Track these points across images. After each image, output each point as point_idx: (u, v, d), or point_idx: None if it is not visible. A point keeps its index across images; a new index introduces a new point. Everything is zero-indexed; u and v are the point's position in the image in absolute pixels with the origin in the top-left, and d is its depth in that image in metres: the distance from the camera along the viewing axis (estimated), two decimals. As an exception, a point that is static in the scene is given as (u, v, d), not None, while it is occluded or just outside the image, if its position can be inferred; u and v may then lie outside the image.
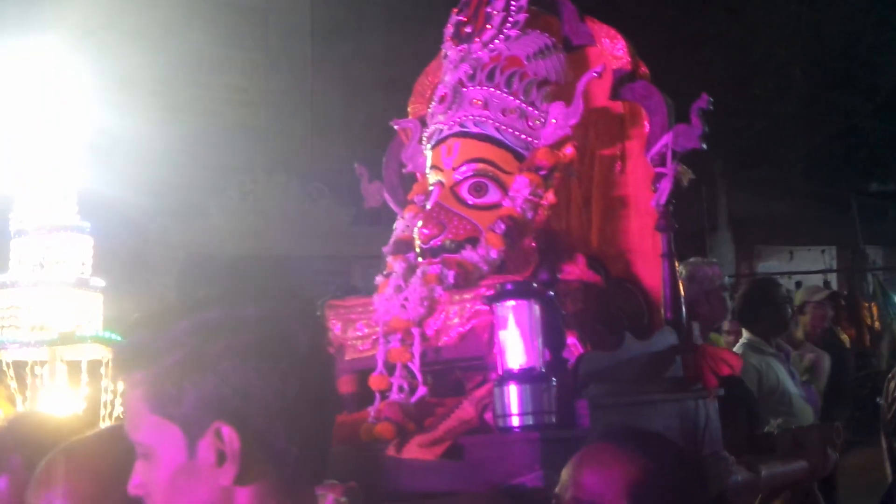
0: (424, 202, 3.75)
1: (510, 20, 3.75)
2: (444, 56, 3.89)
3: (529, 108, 3.64)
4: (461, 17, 3.86)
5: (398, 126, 4.17)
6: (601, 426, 2.91)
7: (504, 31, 3.74)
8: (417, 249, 3.60)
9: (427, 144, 3.82)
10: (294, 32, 14.64)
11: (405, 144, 4.12)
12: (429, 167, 3.79)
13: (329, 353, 1.73)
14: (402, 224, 3.82)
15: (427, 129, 3.84)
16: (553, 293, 3.16)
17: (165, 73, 12.86)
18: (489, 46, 3.74)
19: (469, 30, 3.80)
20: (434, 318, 3.32)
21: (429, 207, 3.64)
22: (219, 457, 1.56)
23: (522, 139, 3.62)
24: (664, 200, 3.66)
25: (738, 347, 5.95)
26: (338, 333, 3.49)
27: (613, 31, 3.83)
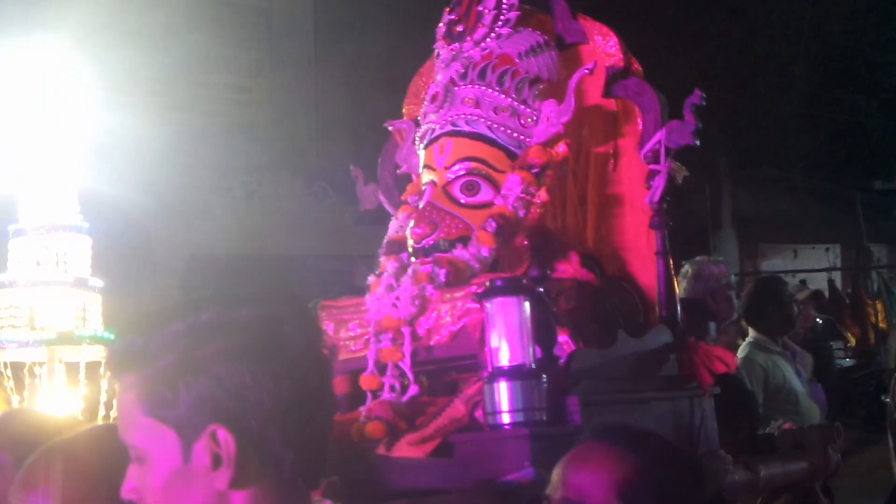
0: (417, 202, 3.73)
1: (502, 18, 3.74)
2: (437, 55, 3.88)
3: (521, 107, 3.63)
4: (453, 17, 3.85)
5: (392, 127, 4.15)
6: (592, 424, 2.89)
7: (496, 30, 3.73)
8: (410, 249, 3.60)
9: (420, 144, 3.81)
10: (297, 32, 14.61)
11: (400, 146, 4.11)
12: (421, 167, 3.79)
13: (324, 355, 1.71)
14: (396, 224, 3.80)
15: (420, 129, 3.83)
16: (543, 290, 3.15)
17: (169, 73, 12.84)
18: (481, 45, 3.73)
19: (461, 29, 3.79)
20: (425, 317, 3.31)
21: (421, 207, 3.64)
22: (214, 460, 1.54)
23: (514, 137, 3.61)
24: (658, 197, 3.62)
25: (745, 346, 5.93)
26: (330, 334, 3.49)
27: (606, 29, 3.81)
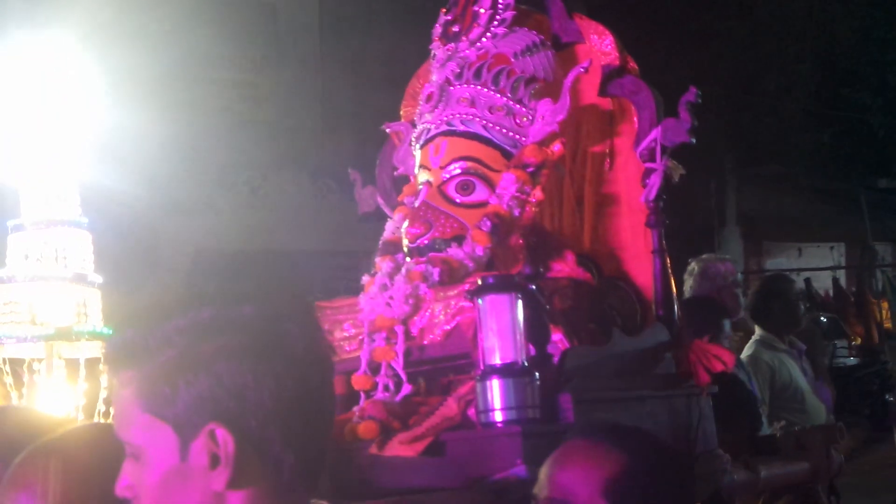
0: (413, 203, 3.72)
1: (497, 18, 3.73)
2: (432, 56, 3.88)
3: (517, 106, 3.62)
4: (449, 17, 3.85)
5: (390, 129, 4.14)
6: (578, 422, 2.89)
7: (491, 29, 3.72)
8: (405, 249, 3.60)
9: (416, 145, 3.81)
10: (302, 28, 14.61)
11: (397, 148, 4.10)
12: (417, 167, 3.78)
13: (326, 355, 1.68)
14: (392, 225, 3.79)
15: (416, 130, 3.83)
16: (538, 288, 3.14)
17: (173, 69, 12.83)
18: (476, 45, 3.72)
19: (456, 29, 3.79)
20: (419, 316, 3.30)
21: (415, 206, 3.64)
22: (212, 459, 1.52)
23: (510, 137, 3.61)
24: (654, 196, 3.61)
25: (751, 344, 5.93)
26: (325, 335, 3.49)
27: (602, 27, 3.79)
